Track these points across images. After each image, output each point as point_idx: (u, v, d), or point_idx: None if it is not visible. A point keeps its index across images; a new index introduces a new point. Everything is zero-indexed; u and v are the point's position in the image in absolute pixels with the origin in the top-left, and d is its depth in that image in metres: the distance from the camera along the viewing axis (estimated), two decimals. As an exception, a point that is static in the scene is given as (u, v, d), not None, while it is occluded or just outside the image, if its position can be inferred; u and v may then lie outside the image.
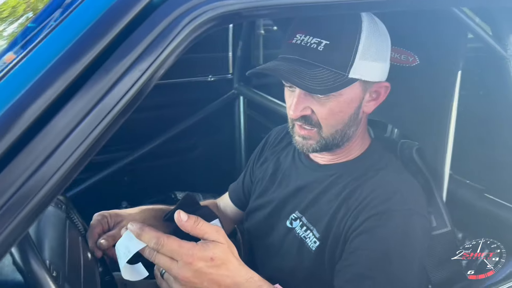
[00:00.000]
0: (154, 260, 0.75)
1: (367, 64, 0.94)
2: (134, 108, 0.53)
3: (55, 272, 0.78)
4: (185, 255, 0.73)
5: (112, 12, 0.52)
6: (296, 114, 0.96)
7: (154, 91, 1.92)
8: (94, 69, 0.49)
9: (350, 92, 0.95)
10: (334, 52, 0.91)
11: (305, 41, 0.92)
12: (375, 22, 0.96)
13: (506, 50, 0.98)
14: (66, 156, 0.48)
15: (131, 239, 0.76)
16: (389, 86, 1.01)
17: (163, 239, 0.73)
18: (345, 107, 0.97)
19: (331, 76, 0.91)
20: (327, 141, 1.00)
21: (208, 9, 0.57)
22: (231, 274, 0.77)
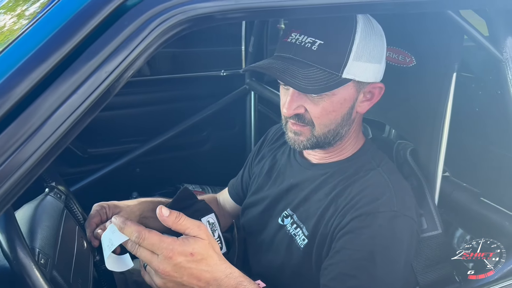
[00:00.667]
0: (136, 253, 0.77)
1: (361, 65, 0.94)
2: (102, 107, 0.55)
3: (43, 260, 0.81)
4: (165, 249, 0.74)
5: (81, 15, 0.54)
6: (289, 112, 0.97)
7: (168, 84, 1.98)
8: (61, 70, 0.52)
9: (344, 92, 0.96)
10: (328, 52, 0.91)
11: (299, 40, 0.93)
12: (370, 23, 0.96)
13: (502, 53, 0.96)
14: (33, 149, 0.51)
15: (115, 231, 0.78)
16: (383, 87, 1.01)
17: (145, 233, 0.75)
18: (338, 106, 0.97)
19: (324, 75, 0.91)
20: (318, 140, 1.00)
21: (177, 13, 0.59)
22: (210, 269, 0.78)
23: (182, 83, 2.33)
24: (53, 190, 1.06)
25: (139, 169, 2.27)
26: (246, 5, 0.62)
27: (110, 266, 0.83)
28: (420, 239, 1.01)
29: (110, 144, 2.19)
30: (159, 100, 2.29)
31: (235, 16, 0.64)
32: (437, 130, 1.05)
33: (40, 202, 0.99)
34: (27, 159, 0.51)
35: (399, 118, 1.17)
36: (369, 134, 1.23)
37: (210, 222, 1.03)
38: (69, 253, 0.94)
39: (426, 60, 1.07)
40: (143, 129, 2.25)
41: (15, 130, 0.51)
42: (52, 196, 1.04)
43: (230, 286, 0.80)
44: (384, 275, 0.91)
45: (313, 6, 0.65)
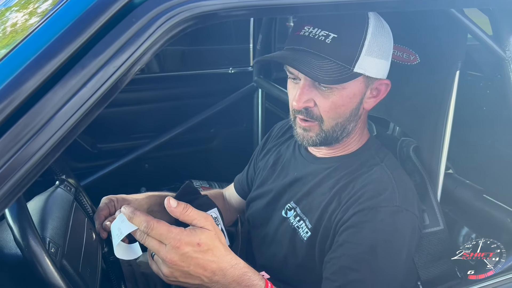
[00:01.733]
0: (144, 243, 0.79)
1: (372, 60, 0.95)
2: (110, 101, 0.58)
3: (54, 249, 0.84)
4: (173, 239, 0.76)
5: (90, 12, 0.57)
6: (299, 105, 0.97)
7: (176, 81, 2.01)
8: (71, 65, 0.54)
9: (354, 86, 0.97)
10: (341, 45, 0.93)
11: (313, 33, 0.94)
12: (380, 21, 0.98)
13: (505, 52, 0.97)
14: (44, 140, 0.54)
15: (124, 221, 0.80)
16: (389, 83, 1.02)
17: (153, 223, 0.77)
18: (347, 101, 0.98)
19: (337, 68, 0.93)
20: (327, 134, 1.01)
21: (183, 10, 0.61)
22: (216, 259, 0.80)
23: (191, 80, 2.36)
24: (63, 183, 1.09)
25: (148, 164, 2.31)
26: (249, 2, 0.64)
27: (119, 254, 0.85)
28: (422, 234, 1.02)
29: (119, 140, 2.22)
30: (168, 97, 2.32)
31: (239, 14, 0.66)
32: (440, 128, 1.06)
33: (51, 194, 1.02)
34: (38, 149, 0.53)
35: (403, 115, 1.18)
36: (374, 131, 1.24)
37: (213, 216, 1.05)
38: (78, 243, 0.97)
39: (430, 58, 1.08)
40: (152, 126, 2.28)
41: (28, 121, 0.54)
42: (62, 189, 1.07)
43: (235, 276, 0.81)
44: (385, 269, 0.93)
45: (315, 4, 0.67)
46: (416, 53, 1.10)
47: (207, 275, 0.80)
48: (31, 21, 0.84)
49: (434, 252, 1.04)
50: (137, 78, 2.37)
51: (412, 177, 1.10)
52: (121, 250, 0.87)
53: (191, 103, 2.34)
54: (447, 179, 1.13)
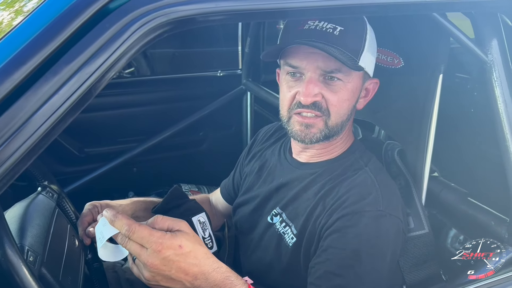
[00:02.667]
0: (126, 246, 0.78)
1: (370, 57, 0.98)
2: (83, 108, 0.57)
3: (32, 258, 0.83)
4: (154, 243, 0.76)
5: (63, 17, 0.56)
6: (309, 99, 0.95)
7: (165, 84, 1.99)
8: (43, 71, 0.53)
9: (355, 81, 0.99)
10: (348, 37, 0.94)
11: (320, 26, 0.94)
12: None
13: (487, 55, 0.97)
14: (15, 148, 0.53)
15: (105, 224, 0.79)
16: (378, 82, 1.04)
17: (135, 226, 0.76)
18: (351, 95, 0.99)
19: (347, 59, 0.93)
20: (330, 130, 1.00)
21: (159, 15, 0.60)
22: (198, 262, 0.79)
23: (179, 83, 2.35)
24: (45, 189, 1.08)
25: (136, 168, 2.29)
26: (226, 8, 0.63)
27: (103, 256, 0.84)
28: (407, 238, 1.02)
29: (107, 144, 2.21)
30: (156, 100, 2.30)
31: (216, 19, 0.65)
32: (424, 131, 1.06)
33: (32, 201, 1.00)
34: (9, 157, 0.52)
35: (387, 118, 1.18)
36: (359, 135, 1.24)
37: (201, 221, 1.04)
38: (60, 251, 0.95)
39: (414, 62, 1.08)
40: (140, 129, 2.27)
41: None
42: (44, 195, 1.06)
43: (217, 280, 0.81)
44: (369, 273, 0.92)
45: (292, 9, 0.67)
46: (400, 57, 1.10)
47: (189, 279, 0.79)
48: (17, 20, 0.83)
49: (420, 255, 1.04)
50: (125, 81, 2.36)
51: (397, 181, 1.10)
52: (105, 252, 0.85)
53: (180, 106, 2.32)
54: (433, 182, 1.14)
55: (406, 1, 0.83)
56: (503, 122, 0.98)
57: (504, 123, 0.98)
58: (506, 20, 0.99)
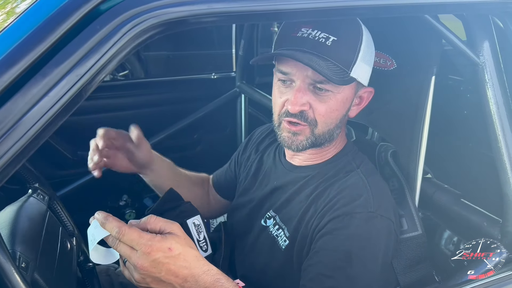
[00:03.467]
0: (116, 249, 0.78)
1: (364, 67, 0.96)
2: (73, 110, 0.56)
3: (24, 264, 0.82)
4: (144, 245, 0.75)
5: (53, 18, 0.55)
6: (296, 108, 0.95)
7: (159, 87, 1.99)
8: (33, 73, 0.53)
9: (347, 91, 0.97)
10: (341, 48, 0.93)
11: (312, 35, 0.93)
12: (366, 29, 0.98)
13: (479, 57, 0.97)
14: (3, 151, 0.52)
15: (97, 227, 0.80)
16: (373, 91, 1.03)
17: (125, 228, 0.76)
18: (341, 106, 0.98)
19: (338, 70, 0.93)
20: (316, 139, 1.00)
21: (150, 17, 0.60)
22: (188, 265, 0.79)
23: (173, 85, 2.35)
24: (36, 192, 1.07)
25: (130, 171, 2.28)
26: (218, 9, 0.63)
27: (94, 259, 0.84)
28: (400, 240, 1.02)
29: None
30: (150, 102, 2.30)
31: (209, 20, 0.65)
32: (416, 133, 1.06)
33: (23, 204, 1.00)
34: None
35: (381, 120, 1.18)
36: (353, 136, 1.24)
37: (196, 223, 1.03)
38: (52, 255, 0.95)
39: (406, 64, 1.08)
40: (134, 132, 2.25)
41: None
42: (35, 198, 1.05)
43: (207, 282, 0.80)
44: (361, 275, 0.92)
45: (285, 11, 0.67)
46: (393, 59, 1.11)
47: (179, 281, 0.79)
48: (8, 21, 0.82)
49: (413, 257, 1.04)
50: (119, 84, 2.36)
51: (390, 182, 1.10)
52: (97, 255, 0.85)
53: (174, 109, 2.32)
54: (426, 184, 1.14)
55: (397, 3, 0.83)
56: (495, 124, 0.98)
57: (496, 124, 0.98)
58: (497, 22, 0.99)
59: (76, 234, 1.15)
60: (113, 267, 1.38)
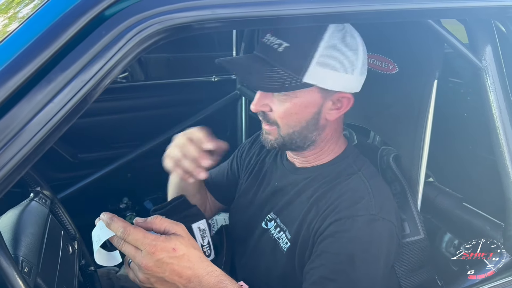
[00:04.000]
0: (121, 249, 0.79)
1: (325, 72, 0.94)
2: (78, 116, 0.56)
3: (27, 268, 0.82)
4: (149, 245, 0.77)
5: (59, 24, 0.55)
6: (256, 108, 1.01)
7: (159, 90, 1.98)
8: (38, 79, 0.53)
9: (307, 96, 0.97)
10: (291, 55, 0.93)
11: (270, 41, 0.96)
12: (343, 33, 0.95)
13: (481, 61, 0.97)
14: (9, 157, 0.52)
15: (102, 227, 0.81)
16: (351, 97, 1.00)
17: (130, 229, 0.78)
18: (301, 109, 0.98)
19: (284, 76, 0.94)
20: (284, 140, 1.02)
21: (155, 22, 0.60)
22: (192, 265, 0.80)
23: (174, 88, 2.35)
24: (38, 195, 1.07)
25: (130, 174, 2.28)
26: (222, 15, 0.63)
27: (99, 261, 0.85)
28: (402, 244, 1.02)
29: (101, 149, 2.19)
30: (151, 105, 2.30)
31: (212, 26, 0.65)
32: (419, 137, 1.06)
33: (25, 208, 1.00)
34: (3, 166, 0.52)
35: (382, 124, 1.18)
36: (354, 140, 1.25)
37: (201, 228, 1.04)
38: (54, 259, 0.94)
39: (408, 67, 1.08)
40: (135, 134, 2.26)
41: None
42: (37, 201, 1.05)
43: (211, 283, 0.81)
44: (363, 278, 0.92)
45: (288, 16, 0.67)
46: (395, 62, 1.11)
47: (183, 282, 0.80)
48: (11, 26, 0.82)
49: (415, 261, 1.04)
50: (120, 87, 2.35)
51: (392, 186, 1.10)
52: (101, 256, 0.86)
53: (174, 111, 2.32)
54: (428, 188, 1.14)
55: (400, 8, 0.83)
56: (497, 128, 0.98)
57: (499, 128, 0.98)
58: (499, 26, 1.00)
59: (78, 238, 1.14)
60: (114, 270, 1.38)
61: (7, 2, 1.03)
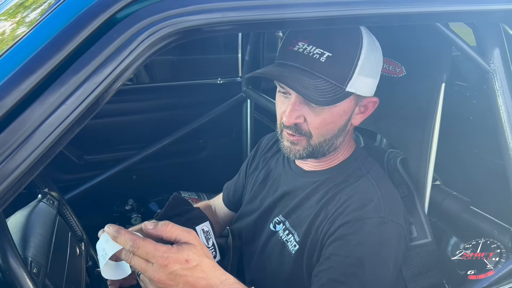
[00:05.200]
0: (130, 262, 0.76)
1: (363, 80, 0.95)
2: (90, 118, 0.57)
3: (36, 269, 0.82)
4: (160, 257, 0.73)
5: (71, 27, 0.56)
6: (290, 121, 0.97)
7: (165, 92, 1.99)
8: (51, 81, 0.53)
9: (344, 104, 0.97)
10: (335, 64, 0.92)
11: (307, 50, 0.93)
12: (372, 39, 0.97)
13: (490, 65, 0.97)
14: (22, 159, 0.52)
15: (108, 240, 0.77)
16: (377, 101, 1.03)
17: (139, 241, 0.74)
18: (337, 118, 0.99)
19: (330, 88, 0.92)
20: (314, 149, 1.01)
21: (166, 25, 0.60)
22: (205, 275, 0.77)
23: (179, 90, 2.35)
24: (45, 196, 1.07)
25: (136, 176, 2.29)
26: (233, 18, 0.63)
27: (106, 275, 0.82)
28: (410, 247, 1.02)
29: (106, 151, 2.20)
30: (156, 107, 2.30)
31: (223, 29, 0.65)
32: (426, 140, 1.06)
33: (33, 209, 1.00)
34: (16, 168, 0.52)
35: (389, 127, 1.18)
36: (361, 143, 1.24)
37: (205, 230, 1.03)
38: (62, 260, 0.95)
39: (416, 70, 1.08)
40: (140, 136, 2.26)
41: (5, 140, 0.52)
42: (45, 203, 1.06)
43: None
44: (373, 280, 0.92)
45: (301, 19, 0.67)
46: (402, 66, 1.11)
47: None
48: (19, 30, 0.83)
49: (423, 264, 1.04)
50: (125, 89, 2.36)
51: (399, 189, 1.10)
52: (109, 270, 0.83)
53: (180, 114, 2.32)
54: (435, 191, 1.14)
55: (409, 11, 0.83)
56: (505, 131, 0.98)
57: (507, 132, 0.98)
58: (507, 29, 0.99)
59: (85, 239, 1.15)
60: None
61: (14, 6, 1.04)
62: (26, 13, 0.90)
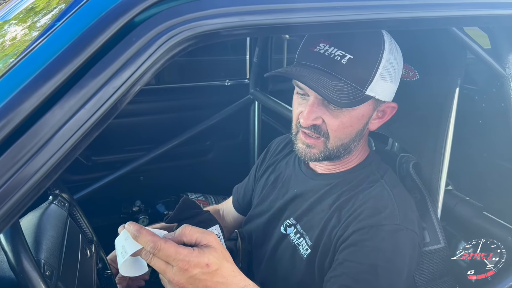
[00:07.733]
0: (150, 262, 0.74)
1: (383, 84, 0.95)
2: (108, 122, 0.56)
3: (49, 272, 0.82)
4: (181, 261, 0.72)
5: (90, 32, 0.55)
6: (307, 122, 0.96)
7: (172, 94, 1.99)
8: (70, 86, 0.53)
9: (363, 108, 0.97)
10: (356, 67, 0.91)
11: (329, 51, 0.92)
12: (394, 43, 0.97)
13: (505, 69, 0.96)
14: (42, 163, 0.52)
15: (128, 238, 0.76)
16: (396, 106, 1.02)
17: (160, 243, 0.72)
18: (355, 122, 0.98)
19: (350, 90, 0.92)
20: (330, 152, 1.01)
21: (185, 29, 0.60)
22: (225, 281, 0.75)
23: (187, 92, 2.36)
24: (56, 198, 1.07)
25: (143, 177, 2.29)
26: (250, 22, 0.63)
27: (124, 271, 0.80)
28: (423, 252, 1.01)
29: (114, 152, 2.20)
30: (164, 109, 2.31)
31: (240, 33, 0.65)
32: (440, 145, 1.05)
33: (45, 211, 1.00)
34: (35, 172, 0.52)
35: (402, 131, 1.17)
36: (373, 147, 1.24)
37: (215, 233, 1.03)
38: (73, 262, 0.95)
39: (430, 75, 1.08)
40: (147, 138, 2.26)
41: (24, 144, 0.52)
42: (56, 204, 1.05)
43: None
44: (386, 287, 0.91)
45: (316, 23, 0.66)
46: (416, 69, 1.10)
47: None
48: (30, 35, 0.83)
49: (435, 270, 1.03)
50: (133, 90, 2.36)
51: (412, 194, 1.09)
52: (127, 267, 0.81)
53: (187, 116, 2.33)
54: (447, 196, 1.13)
55: (425, 16, 0.82)
56: (521, 137, 0.97)
57: (523, 137, 0.97)
58: (523, 34, 0.99)
59: (95, 241, 1.14)
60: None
61: (25, 11, 1.04)
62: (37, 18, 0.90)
